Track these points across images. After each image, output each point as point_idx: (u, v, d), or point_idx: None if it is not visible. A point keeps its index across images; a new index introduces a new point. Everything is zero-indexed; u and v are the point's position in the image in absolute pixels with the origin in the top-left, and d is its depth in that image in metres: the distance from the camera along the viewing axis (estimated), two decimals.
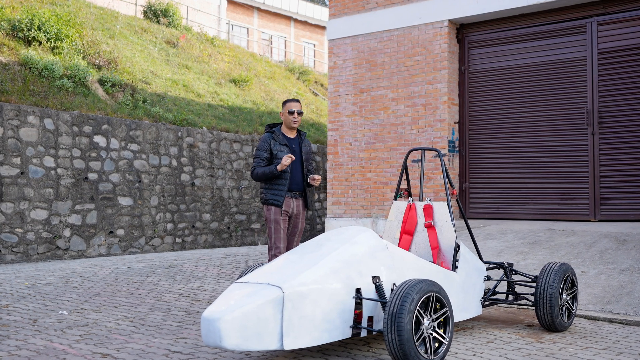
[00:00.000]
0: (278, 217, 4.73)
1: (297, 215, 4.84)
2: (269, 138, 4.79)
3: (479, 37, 8.60)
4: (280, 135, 4.81)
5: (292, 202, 4.78)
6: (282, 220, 4.74)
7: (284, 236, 4.74)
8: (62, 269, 6.72)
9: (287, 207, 4.76)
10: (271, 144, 4.80)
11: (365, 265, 3.30)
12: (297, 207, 4.81)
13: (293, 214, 4.80)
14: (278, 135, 4.81)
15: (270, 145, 4.79)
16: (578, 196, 7.83)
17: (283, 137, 4.81)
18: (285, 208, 4.75)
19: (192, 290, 5.47)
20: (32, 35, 10.70)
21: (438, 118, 8.46)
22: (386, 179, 8.85)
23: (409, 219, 4.16)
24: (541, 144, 8.11)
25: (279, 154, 4.74)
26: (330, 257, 3.24)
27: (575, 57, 7.91)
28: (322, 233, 4.67)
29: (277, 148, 4.79)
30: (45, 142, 8.96)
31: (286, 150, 4.80)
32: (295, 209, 4.80)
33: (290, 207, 4.77)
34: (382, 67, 8.95)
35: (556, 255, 6.12)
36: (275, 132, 4.84)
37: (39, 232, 8.71)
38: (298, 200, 4.82)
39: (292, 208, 4.78)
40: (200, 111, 12.42)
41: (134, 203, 10.02)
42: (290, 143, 4.83)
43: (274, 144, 4.81)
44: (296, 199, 4.81)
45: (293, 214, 4.81)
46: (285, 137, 4.83)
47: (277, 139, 4.80)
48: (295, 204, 4.79)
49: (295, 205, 4.80)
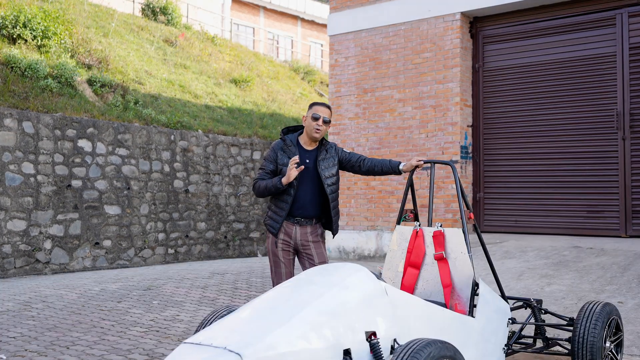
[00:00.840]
0: (275, 248, 3.74)
1: (307, 246, 3.74)
2: (278, 147, 3.76)
3: (494, 31, 7.81)
4: (293, 146, 3.74)
5: (294, 229, 3.72)
6: (281, 252, 3.73)
7: (285, 271, 3.73)
8: (29, 290, 6.03)
9: (287, 236, 3.72)
10: (277, 154, 3.74)
11: (357, 317, 2.55)
12: (305, 236, 3.72)
13: (298, 244, 3.73)
14: (289, 145, 3.74)
15: (277, 156, 3.74)
16: (607, 208, 7.00)
17: (296, 148, 3.73)
18: (284, 237, 3.72)
19: (165, 321, 4.75)
20: (17, 33, 10.08)
21: (449, 121, 7.67)
22: (392, 187, 8.08)
23: (415, 249, 3.39)
24: (565, 150, 7.30)
25: (284, 169, 3.68)
26: (311, 307, 2.48)
27: (604, 53, 7.09)
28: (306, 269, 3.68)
29: (284, 162, 3.70)
30: (24, 146, 8.30)
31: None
32: (300, 239, 3.72)
33: (291, 236, 3.72)
34: (388, 65, 8.18)
35: (586, 280, 5.32)
36: (287, 140, 3.76)
37: (16, 245, 8.05)
38: (305, 229, 3.73)
39: (296, 237, 3.71)
40: (197, 113, 11.75)
41: (122, 212, 9.34)
42: (302, 157, 3.71)
43: (280, 156, 3.73)
44: (302, 227, 3.73)
45: (299, 245, 3.73)
46: (300, 148, 3.75)
47: (286, 150, 3.73)
48: (300, 233, 3.71)
49: (300, 234, 3.71)
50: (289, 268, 3.76)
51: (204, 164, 10.62)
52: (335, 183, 3.79)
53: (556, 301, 4.88)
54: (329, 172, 3.75)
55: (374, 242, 8.16)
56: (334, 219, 3.79)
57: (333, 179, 3.77)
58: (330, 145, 3.84)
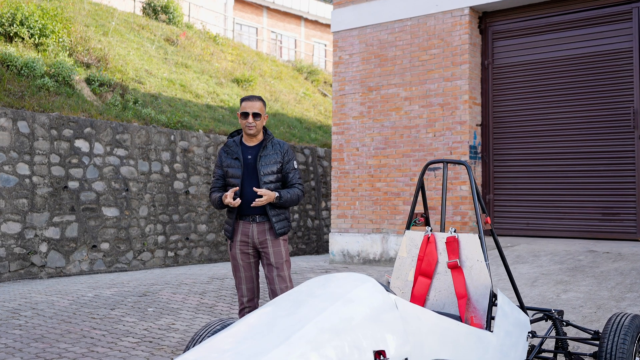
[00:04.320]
0: (234, 251, 3.67)
1: (264, 245, 3.66)
2: (222, 151, 3.77)
3: (504, 27, 7.52)
4: (235, 145, 3.72)
5: (250, 228, 3.65)
6: (239, 255, 3.64)
7: (245, 276, 3.65)
8: (19, 296, 5.78)
9: (245, 236, 3.64)
10: (222, 158, 3.75)
11: (364, 334, 2.27)
12: (261, 235, 3.64)
13: (256, 243, 3.66)
14: (231, 146, 3.74)
15: (222, 159, 3.75)
16: (623, 211, 6.71)
17: (239, 147, 3.72)
18: (242, 238, 3.64)
19: (160, 330, 4.49)
20: (13, 31, 9.86)
21: (458, 120, 7.39)
22: (398, 189, 7.80)
23: (427, 256, 3.11)
24: (579, 150, 7.01)
25: (230, 170, 3.69)
26: (312, 324, 2.21)
27: (619, 49, 6.80)
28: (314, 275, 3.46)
29: (228, 163, 3.70)
30: (18, 147, 8.06)
31: (237, 165, 3.67)
32: (257, 237, 3.64)
33: (249, 235, 3.65)
34: (394, 62, 7.91)
35: (604, 287, 5.04)
36: (229, 143, 3.77)
37: (10, 248, 7.80)
38: (262, 225, 3.64)
39: (253, 236, 3.64)
40: (198, 113, 11.50)
41: (121, 214, 9.09)
42: (245, 154, 3.70)
43: (224, 158, 3.74)
44: (258, 224, 3.64)
45: (257, 244, 3.66)
46: (242, 147, 3.73)
47: (229, 152, 3.73)
48: (256, 231, 3.63)
49: (256, 232, 3.63)
50: (249, 272, 3.67)
51: (205, 164, 10.37)
52: (275, 182, 3.66)
53: (574, 310, 4.59)
54: (269, 169, 3.65)
55: (379, 246, 7.88)
56: (274, 219, 3.62)
57: (272, 176, 3.66)
58: (276, 142, 3.74)
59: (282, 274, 3.63)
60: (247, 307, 3.69)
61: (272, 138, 3.74)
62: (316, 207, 12.35)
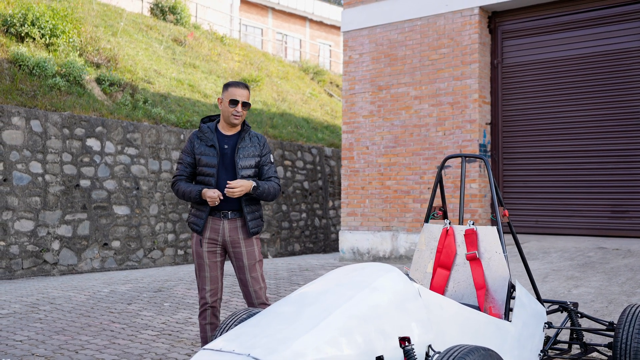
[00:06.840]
0: (199, 248, 3.35)
1: (237, 244, 3.35)
2: (194, 136, 3.42)
3: (514, 26, 7.58)
4: (209, 132, 3.38)
5: (221, 225, 3.33)
6: (206, 254, 3.33)
7: (210, 275, 3.34)
8: (36, 291, 5.86)
9: (215, 233, 3.33)
10: (194, 144, 3.39)
11: (390, 321, 2.34)
12: (233, 233, 3.34)
13: (227, 242, 3.34)
14: (206, 132, 3.39)
15: (193, 146, 3.39)
16: (632, 208, 6.75)
17: (214, 134, 3.38)
18: (211, 235, 3.33)
19: (178, 324, 4.56)
20: (25, 31, 9.96)
21: (467, 118, 7.45)
22: (408, 187, 7.86)
23: (446, 248, 3.18)
24: (588, 148, 7.06)
25: (203, 158, 3.34)
26: (340, 311, 2.28)
27: (629, 48, 6.85)
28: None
29: (202, 150, 3.35)
30: (31, 145, 8.15)
31: (212, 154, 3.35)
32: (229, 235, 3.33)
33: (219, 232, 3.33)
34: (404, 62, 7.97)
35: (615, 283, 5.09)
36: (203, 128, 3.42)
37: (24, 245, 7.89)
38: (234, 222, 3.34)
39: (223, 234, 3.33)
40: (206, 112, 11.59)
41: (131, 212, 9.17)
42: (221, 143, 3.38)
43: (197, 145, 3.38)
44: (230, 221, 3.34)
45: (227, 243, 3.34)
46: (218, 135, 3.40)
47: (203, 138, 3.38)
48: (228, 228, 3.33)
49: (228, 229, 3.33)
50: (215, 272, 3.35)
51: None
52: (253, 176, 3.38)
53: (585, 304, 4.65)
54: (247, 162, 3.37)
55: (389, 243, 7.94)
56: (248, 217, 3.34)
57: (250, 170, 3.37)
58: (254, 135, 3.46)
59: (255, 275, 3.37)
60: (209, 308, 3.38)
61: (250, 130, 3.48)
62: (324, 206, 12.41)
